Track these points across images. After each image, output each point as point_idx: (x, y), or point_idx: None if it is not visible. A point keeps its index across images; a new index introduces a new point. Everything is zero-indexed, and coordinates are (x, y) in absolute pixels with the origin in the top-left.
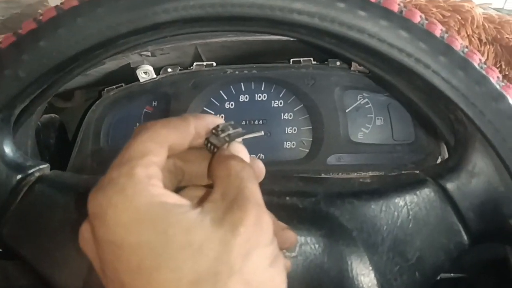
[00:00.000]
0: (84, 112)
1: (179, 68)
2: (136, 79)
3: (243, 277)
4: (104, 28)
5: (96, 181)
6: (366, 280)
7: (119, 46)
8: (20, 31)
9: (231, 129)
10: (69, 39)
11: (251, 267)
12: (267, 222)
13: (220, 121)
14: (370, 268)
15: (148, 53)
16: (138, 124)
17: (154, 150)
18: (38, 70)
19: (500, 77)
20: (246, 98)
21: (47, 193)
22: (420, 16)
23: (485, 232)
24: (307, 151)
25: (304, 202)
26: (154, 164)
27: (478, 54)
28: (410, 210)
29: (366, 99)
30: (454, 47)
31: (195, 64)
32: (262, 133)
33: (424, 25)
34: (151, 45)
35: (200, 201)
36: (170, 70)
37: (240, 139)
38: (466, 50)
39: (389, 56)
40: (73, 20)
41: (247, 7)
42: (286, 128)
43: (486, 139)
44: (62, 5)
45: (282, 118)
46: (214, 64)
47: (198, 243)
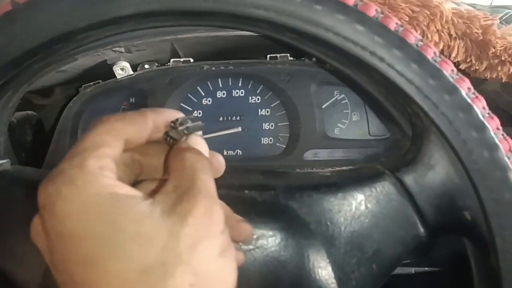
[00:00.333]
0: (61, 108)
1: (156, 64)
2: (113, 75)
3: (190, 266)
4: (61, 22)
5: None
6: (324, 273)
7: (79, 41)
8: None
9: (190, 122)
10: (25, 33)
11: (199, 257)
12: (217, 213)
13: (179, 115)
14: (328, 260)
15: (122, 49)
16: None
17: (109, 142)
18: None
19: (455, 70)
20: (224, 94)
21: (6, 188)
22: (375, 10)
23: (441, 225)
24: (284, 146)
25: (263, 195)
26: (107, 156)
27: (433, 47)
28: (368, 203)
29: (343, 95)
30: (408, 41)
31: (172, 60)
32: (240, 129)
33: (379, 18)
34: (117, 40)
35: (153, 192)
36: (147, 66)
37: (199, 133)
38: (420, 44)
39: (345, 49)
40: (29, 14)
41: (203, 1)
42: (263, 124)
43: (440, 132)
44: None
45: (259, 114)
46: (191, 60)
47: (147, 234)
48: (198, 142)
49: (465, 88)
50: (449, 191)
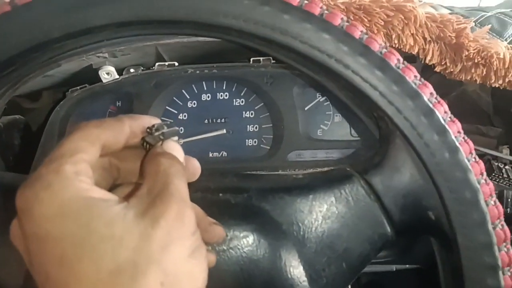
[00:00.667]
0: (49, 112)
1: (142, 68)
2: (100, 79)
3: (161, 267)
4: (36, 33)
5: None
6: (296, 272)
7: (55, 50)
8: None
9: (166, 128)
10: (1, 44)
11: (170, 258)
12: (189, 216)
13: (155, 121)
14: (299, 259)
15: (106, 54)
16: None
17: (85, 148)
18: None
19: (418, 76)
20: (208, 97)
21: None
22: (341, 19)
23: (407, 224)
24: (268, 148)
25: (237, 198)
26: (84, 161)
27: (397, 54)
28: (337, 204)
29: (325, 97)
30: (372, 48)
31: (157, 64)
32: (224, 131)
33: (344, 27)
34: (99, 47)
35: (128, 196)
36: (132, 70)
37: (175, 138)
38: (384, 51)
39: (312, 57)
40: (4, 25)
41: (174, 11)
42: (248, 126)
43: (404, 136)
44: None
45: (244, 116)
46: (176, 64)
47: (119, 235)
48: (173, 147)
49: (427, 94)
50: (414, 192)
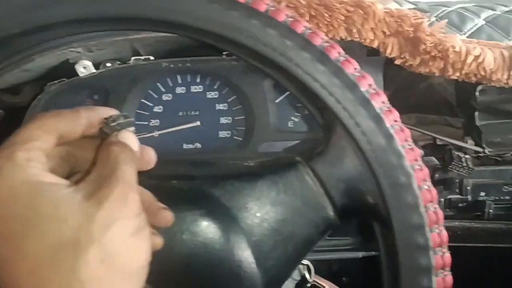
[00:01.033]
0: (27, 106)
1: (118, 62)
2: (77, 74)
3: (101, 244)
4: None
5: None
6: (244, 254)
7: (18, 45)
8: None
9: (123, 119)
10: None
11: (111, 237)
12: (132, 199)
13: (113, 112)
14: (247, 242)
15: (79, 49)
16: None
17: (39, 136)
18: None
19: (358, 68)
20: (183, 90)
21: None
22: (285, 15)
23: (348, 208)
24: (241, 139)
25: (189, 185)
26: (37, 149)
27: (338, 48)
28: (283, 190)
29: None
30: (314, 42)
31: (133, 58)
32: (198, 123)
33: (288, 22)
34: (70, 41)
35: (78, 181)
36: (109, 64)
37: (131, 128)
38: (326, 45)
39: (257, 50)
40: None
41: (124, 8)
42: (221, 118)
43: (343, 125)
44: None
45: (217, 109)
46: (152, 58)
47: (65, 216)
48: (128, 136)
49: (365, 85)
50: (354, 178)
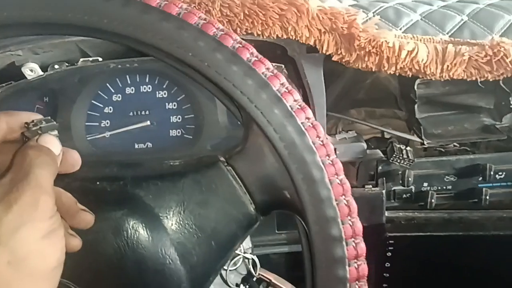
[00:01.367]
0: None
1: (66, 64)
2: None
3: (8, 247)
4: None
5: None
6: (168, 251)
7: None
8: None
9: (44, 123)
10: None
11: (19, 239)
12: (44, 202)
13: (35, 116)
14: (171, 240)
15: (19, 52)
16: None
17: None
18: None
19: (270, 67)
20: (132, 90)
21: None
22: (198, 17)
23: (268, 203)
24: (191, 137)
25: (113, 186)
26: None
27: (250, 49)
28: (205, 188)
29: None
30: (225, 44)
31: (81, 60)
32: (148, 122)
33: (200, 25)
34: (5, 45)
35: None
36: (56, 66)
37: (54, 132)
38: (238, 46)
39: (171, 53)
40: None
41: (37, 13)
42: (171, 117)
43: (256, 123)
44: None
45: (167, 108)
46: (100, 59)
47: None
48: (49, 140)
49: (276, 84)
50: (271, 174)
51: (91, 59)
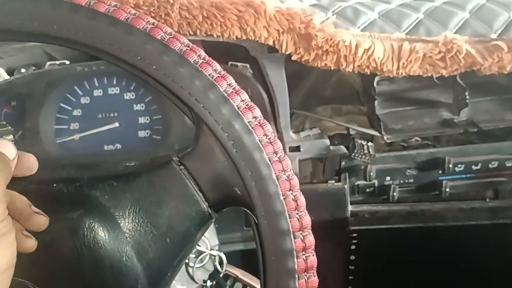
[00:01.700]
0: None
1: (33, 68)
2: None
3: None
4: None
5: None
6: (124, 248)
7: None
8: None
9: None
10: None
11: None
12: None
13: None
14: (127, 238)
15: None
16: None
17: None
18: None
19: (218, 69)
20: (100, 93)
21: None
22: (146, 22)
23: (220, 200)
24: (159, 138)
25: (69, 187)
26: None
27: (198, 51)
28: (159, 187)
29: None
30: (172, 47)
31: (48, 63)
32: (117, 124)
33: (148, 29)
34: None
35: None
36: (23, 70)
37: (9, 137)
38: (185, 49)
39: (119, 57)
40: None
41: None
42: (139, 118)
43: (205, 123)
44: None
45: (135, 109)
46: (67, 62)
47: None
48: (3, 145)
49: (224, 85)
50: (221, 172)
51: (58, 62)
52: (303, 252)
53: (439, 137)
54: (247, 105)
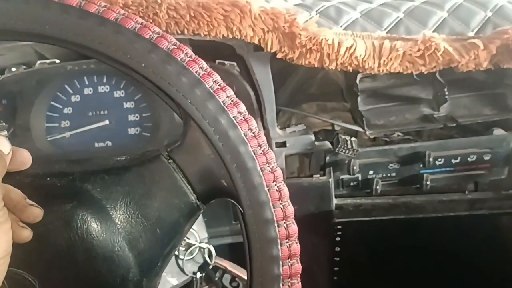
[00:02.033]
0: None
1: (24, 67)
2: None
3: None
4: None
5: None
6: (117, 239)
7: None
8: None
9: None
10: None
11: None
12: None
13: None
14: (118, 228)
15: None
16: None
17: None
18: None
19: (204, 66)
20: (90, 91)
21: None
22: (135, 22)
23: (207, 191)
24: (149, 135)
25: (62, 181)
26: None
27: (185, 50)
28: (149, 180)
29: None
30: (160, 46)
31: (38, 62)
32: (107, 122)
33: (137, 29)
34: None
35: None
36: (14, 69)
37: (3, 133)
38: (172, 47)
39: (109, 55)
40: None
41: None
42: (129, 116)
43: (192, 118)
44: None
45: (125, 107)
46: (57, 61)
47: None
48: None
49: (210, 82)
50: (208, 165)
51: (48, 61)
52: (287, 240)
53: (420, 132)
54: (232, 100)
